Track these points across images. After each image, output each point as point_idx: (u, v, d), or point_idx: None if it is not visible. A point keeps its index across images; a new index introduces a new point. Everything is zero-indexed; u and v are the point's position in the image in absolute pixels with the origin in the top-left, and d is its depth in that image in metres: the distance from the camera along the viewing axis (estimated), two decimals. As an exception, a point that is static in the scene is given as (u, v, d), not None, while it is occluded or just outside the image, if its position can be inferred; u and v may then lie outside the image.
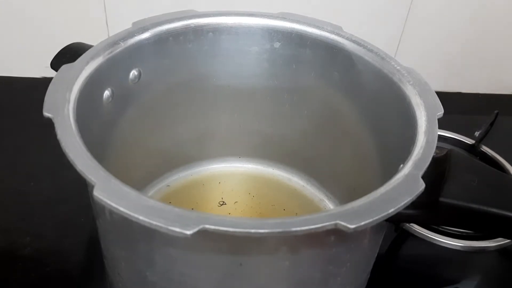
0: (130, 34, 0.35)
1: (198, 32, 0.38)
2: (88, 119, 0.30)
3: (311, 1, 0.58)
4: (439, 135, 0.29)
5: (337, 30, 0.38)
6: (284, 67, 0.41)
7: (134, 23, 0.36)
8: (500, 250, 0.42)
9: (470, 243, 0.41)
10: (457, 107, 0.64)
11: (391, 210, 0.23)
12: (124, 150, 0.38)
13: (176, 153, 0.46)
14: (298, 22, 0.39)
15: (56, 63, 0.37)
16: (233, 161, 0.48)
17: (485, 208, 0.27)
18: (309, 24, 0.38)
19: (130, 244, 0.28)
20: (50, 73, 0.32)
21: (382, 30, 0.61)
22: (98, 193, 0.22)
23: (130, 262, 0.30)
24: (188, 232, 0.21)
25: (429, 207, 0.27)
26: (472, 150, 0.54)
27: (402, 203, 0.24)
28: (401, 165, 0.27)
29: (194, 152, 0.47)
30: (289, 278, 0.28)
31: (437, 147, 0.28)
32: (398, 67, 0.34)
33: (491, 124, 0.57)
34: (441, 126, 0.30)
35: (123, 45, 0.34)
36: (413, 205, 0.24)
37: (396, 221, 0.36)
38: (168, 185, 0.46)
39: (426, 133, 0.29)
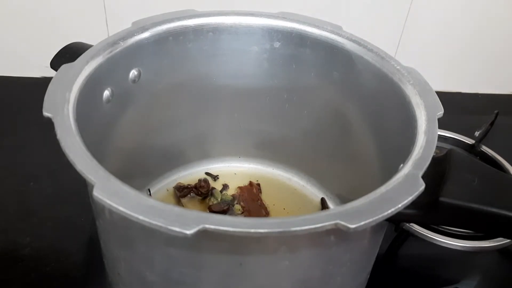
0: (130, 34, 0.35)
1: (198, 32, 0.38)
2: (88, 119, 0.29)
3: (311, 0, 0.58)
4: (439, 135, 0.29)
5: (337, 30, 0.38)
6: (284, 67, 0.41)
7: (134, 23, 0.36)
8: (500, 250, 0.42)
9: (470, 243, 0.41)
10: (457, 107, 0.64)
11: (391, 210, 0.23)
12: (124, 150, 0.38)
13: (176, 153, 0.46)
14: (298, 22, 0.39)
15: (56, 63, 0.37)
16: (233, 161, 0.48)
17: (485, 208, 0.27)
18: (309, 24, 0.39)
19: (130, 244, 0.28)
20: (50, 73, 0.32)
21: (382, 30, 0.61)
22: (98, 193, 0.22)
23: (130, 262, 0.30)
24: (188, 232, 0.21)
25: (429, 207, 0.27)
26: (472, 150, 0.54)
27: (402, 203, 0.24)
28: (401, 165, 0.27)
29: (194, 152, 0.47)
30: (289, 278, 0.28)
31: (437, 147, 0.28)
32: (398, 67, 0.34)
33: (491, 124, 0.57)
34: (441, 126, 0.30)
35: (123, 45, 0.34)
36: (413, 205, 0.24)
37: (396, 221, 0.36)
38: (168, 185, 0.46)
39: (426, 133, 0.29)
